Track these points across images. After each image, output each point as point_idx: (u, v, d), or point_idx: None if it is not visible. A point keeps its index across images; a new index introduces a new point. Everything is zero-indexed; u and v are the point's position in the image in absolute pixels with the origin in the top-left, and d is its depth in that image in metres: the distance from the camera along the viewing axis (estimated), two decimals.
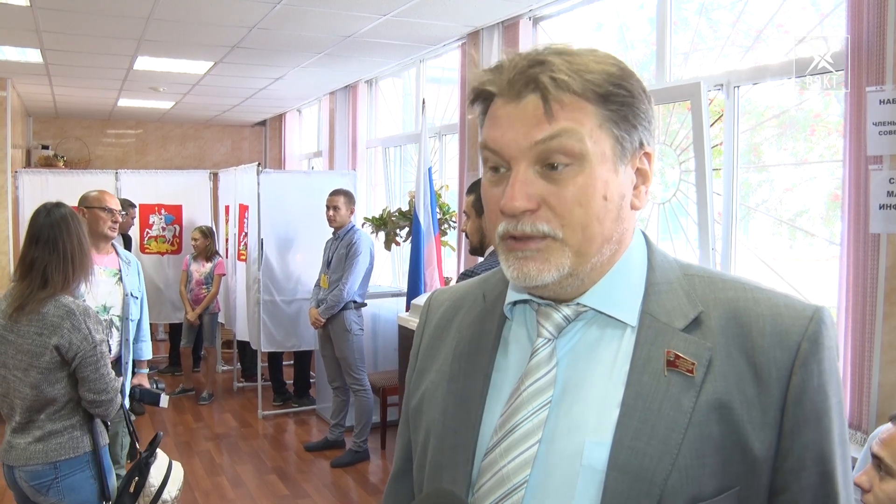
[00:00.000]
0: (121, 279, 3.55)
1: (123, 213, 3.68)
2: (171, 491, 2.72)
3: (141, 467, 2.68)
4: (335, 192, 5.13)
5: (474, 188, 2.91)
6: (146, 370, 3.80)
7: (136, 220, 6.95)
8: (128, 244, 6.58)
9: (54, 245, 2.45)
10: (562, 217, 0.82)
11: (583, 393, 0.85)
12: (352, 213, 5.16)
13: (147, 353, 3.79)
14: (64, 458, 2.42)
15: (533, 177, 0.82)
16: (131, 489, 2.63)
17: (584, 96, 0.82)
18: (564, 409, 0.85)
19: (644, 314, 0.87)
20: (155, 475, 2.69)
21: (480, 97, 0.88)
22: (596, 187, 0.82)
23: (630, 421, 0.81)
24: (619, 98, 0.83)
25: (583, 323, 0.89)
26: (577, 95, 0.81)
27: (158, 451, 2.77)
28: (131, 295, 3.58)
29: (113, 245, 3.65)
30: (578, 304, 0.88)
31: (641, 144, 0.86)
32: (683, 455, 0.80)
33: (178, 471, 2.81)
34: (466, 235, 3.08)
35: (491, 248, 2.78)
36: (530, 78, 0.82)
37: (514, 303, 0.94)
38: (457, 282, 3.29)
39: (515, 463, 0.84)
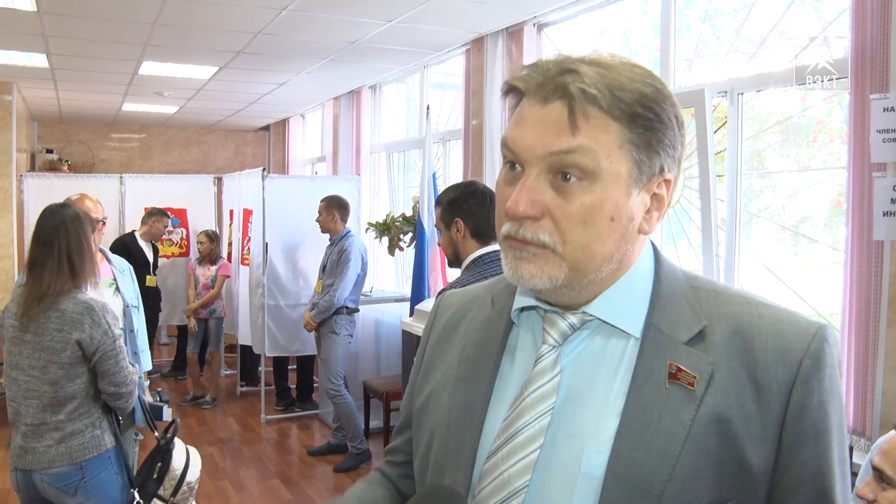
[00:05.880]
0: (118, 289, 3.37)
1: (102, 222, 3.33)
2: (194, 473, 2.77)
3: (163, 453, 2.71)
4: (321, 199, 5.30)
5: (437, 203, 2.83)
6: (147, 382, 3.65)
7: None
8: (156, 253, 6.59)
9: (51, 246, 2.48)
10: (563, 232, 0.82)
11: (585, 401, 0.86)
12: (332, 217, 5.24)
13: (147, 364, 3.62)
14: (89, 457, 2.45)
15: (542, 184, 0.82)
16: (154, 475, 2.66)
17: (611, 114, 0.80)
18: (566, 416, 0.86)
19: (649, 325, 0.87)
20: (178, 459, 2.73)
21: (512, 92, 0.87)
22: (604, 207, 0.82)
23: (629, 431, 0.82)
24: (645, 121, 0.81)
25: (588, 332, 0.89)
26: (603, 111, 0.80)
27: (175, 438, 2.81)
28: (131, 305, 3.42)
29: (102, 251, 3.37)
30: (584, 312, 0.88)
31: (662, 170, 0.85)
32: (681, 467, 0.80)
33: (195, 455, 2.86)
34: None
35: (468, 261, 2.71)
36: (560, 85, 0.81)
37: (522, 309, 0.94)
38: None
39: (517, 468, 0.85)
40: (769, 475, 0.82)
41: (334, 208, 5.24)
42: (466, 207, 2.67)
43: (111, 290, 3.37)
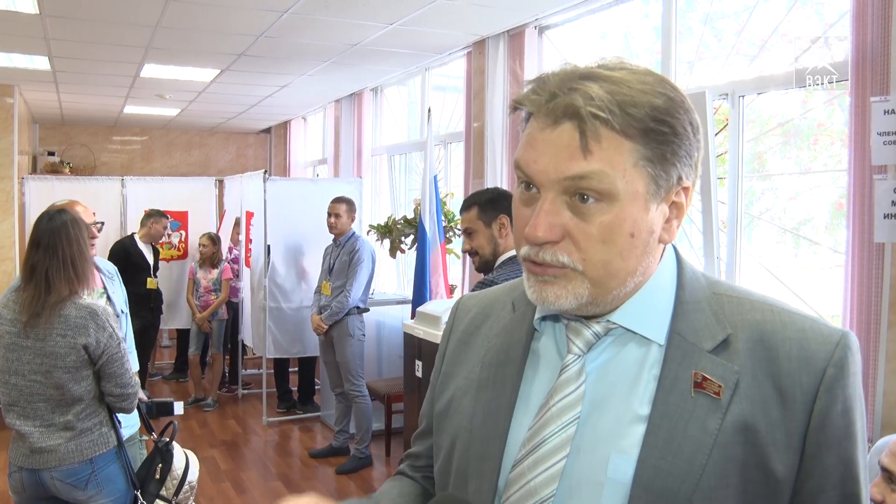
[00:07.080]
0: (108, 298, 3.27)
1: (100, 225, 3.30)
2: (194, 473, 2.82)
3: (163, 453, 2.75)
4: (337, 200, 5.22)
5: (471, 204, 2.84)
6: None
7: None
8: (156, 255, 6.60)
9: (54, 251, 2.49)
10: (583, 252, 0.82)
11: (609, 407, 0.86)
12: (352, 220, 5.24)
13: (134, 365, 3.41)
14: (98, 453, 2.52)
15: (559, 207, 0.82)
16: (156, 476, 2.70)
17: (624, 133, 0.79)
18: (591, 423, 0.86)
19: (673, 333, 0.87)
20: (178, 458, 2.77)
21: (519, 109, 0.87)
22: (623, 226, 0.81)
23: (656, 440, 0.83)
24: (659, 135, 0.80)
25: (612, 339, 0.89)
26: (615, 132, 0.79)
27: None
28: (122, 312, 3.32)
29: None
30: (608, 321, 0.88)
31: (680, 179, 0.84)
32: (707, 476, 0.81)
33: (192, 455, 2.90)
34: (471, 254, 2.91)
35: (504, 257, 2.72)
36: (569, 105, 0.79)
37: (544, 317, 0.95)
38: (473, 290, 3.18)
39: (543, 477, 0.85)
40: (793, 482, 0.83)
41: (353, 211, 5.26)
42: (507, 205, 2.67)
43: (102, 300, 3.27)
